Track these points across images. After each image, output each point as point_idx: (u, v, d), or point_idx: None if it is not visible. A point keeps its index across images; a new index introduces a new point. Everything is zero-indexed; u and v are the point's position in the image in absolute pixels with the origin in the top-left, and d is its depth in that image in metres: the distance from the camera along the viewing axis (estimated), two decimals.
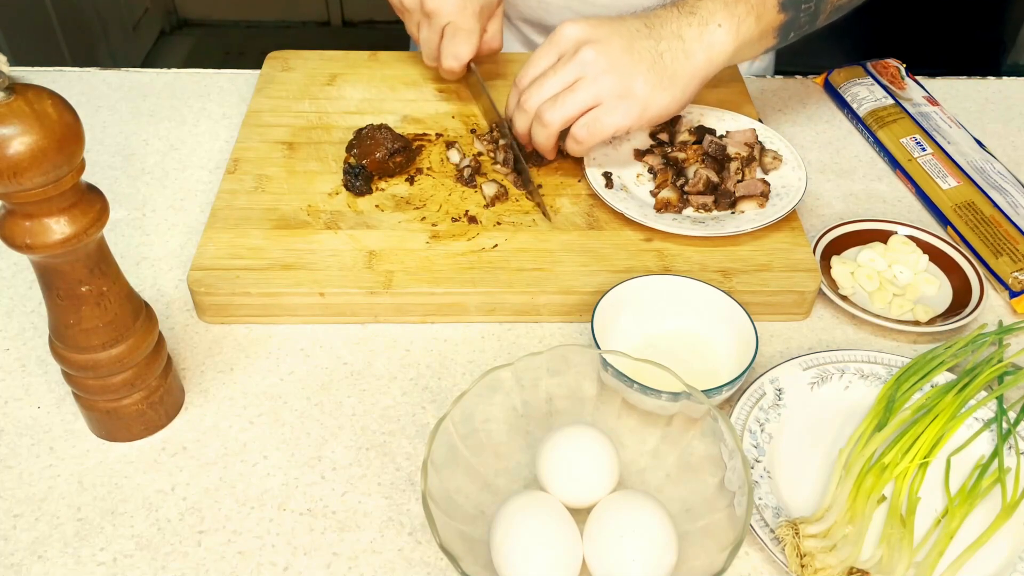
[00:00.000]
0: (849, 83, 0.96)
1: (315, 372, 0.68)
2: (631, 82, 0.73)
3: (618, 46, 0.73)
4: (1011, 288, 0.75)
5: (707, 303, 0.68)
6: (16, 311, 0.72)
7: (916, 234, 0.79)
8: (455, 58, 0.86)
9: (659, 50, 0.74)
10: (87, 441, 0.63)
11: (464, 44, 0.85)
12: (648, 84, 0.73)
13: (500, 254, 0.73)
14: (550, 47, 0.75)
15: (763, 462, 0.61)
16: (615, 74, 0.72)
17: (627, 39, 0.73)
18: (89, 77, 0.98)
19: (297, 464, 0.62)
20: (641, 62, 0.73)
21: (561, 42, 0.75)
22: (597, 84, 0.73)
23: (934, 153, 0.86)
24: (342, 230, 0.75)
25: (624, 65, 0.73)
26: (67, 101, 0.49)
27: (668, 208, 0.77)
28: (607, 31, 0.74)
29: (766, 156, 0.82)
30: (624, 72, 0.73)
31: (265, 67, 0.94)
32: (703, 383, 0.61)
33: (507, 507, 0.54)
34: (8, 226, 0.50)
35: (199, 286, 0.70)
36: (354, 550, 0.57)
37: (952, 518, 0.57)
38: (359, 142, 0.80)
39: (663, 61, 0.74)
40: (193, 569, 0.56)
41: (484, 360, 0.69)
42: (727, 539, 0.52)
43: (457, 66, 0.87)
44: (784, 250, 0.75)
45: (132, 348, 0.58)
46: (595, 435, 0.57)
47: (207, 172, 0.86)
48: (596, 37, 0.73)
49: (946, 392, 0.63)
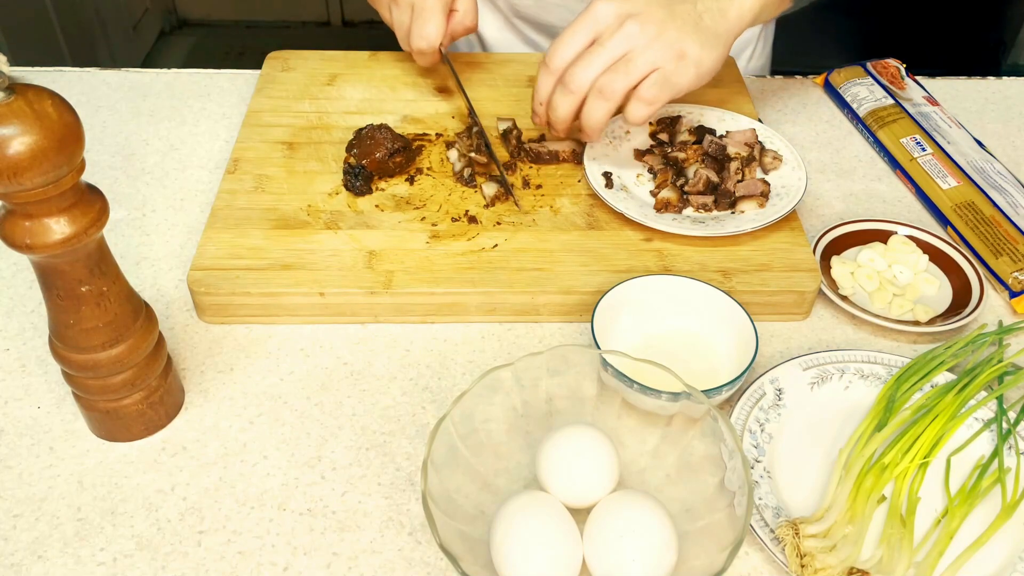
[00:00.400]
0: (849, 83, 0.96)
1: (315, 372, 0.68)
2: (682, 45, 0.72)
3: (659, 15, 0.72)
4: (1011, 288, 0.75)
5: (707, 303, 0.68)
6: (16, 311, 0.72)
7: (916, 234, 0.79)
8: (423, 39, 0.83)
9: (698, 11, 0.74)
10: (87, 441, 0.63)
11: (431, 23, 0.83)
12: (697, 44, 0.73)
13: (500, 254, 0.73)
14: (584, 25, 0.73)
15: (763, 462, 0.61)
16: (665, 40, 0.72)
17: (666, 6, 0.73)
18: (89, 77, 0.98)
19: (297, 464, 0.62)
20: (686, 25, 0.73)
21: (598, 19, 0.73)
22: (651, 51, 0.72)
23: (934, 153, 0.86)
24: (342, 230, 0.75)
25: (671, 31, 0.72)
26: (67, 101, 0.49)
27: (668, 208, 0.77)
28: (644, 1, 0.73)
29: (766, 156, 0.82)
30: (673, 37, 0.72)
31: (265, 67, 0.94)
32: (703, 383, 0.61)
33: (507, 507, 0.54)
34: (8, 226, 0.50)
35: (199, 286, 0.70)
36: (354, 550, 0.57)
37: (952, 518, 0.57)
38: (359, 142, 0.80)
39: (704, 22, 0.74)
40: (193, 569, 0.56)
41: (484, 360, 0.69)
42: (727, 539, 0.52)
43: (426, 46, 0.84)
44: (784, 250, 0.75)
45: (132, 348, 0.58)
46: (595, 435, 0.57)
47: (207, 172, 0.86)
48: (635, 9, 0.72)
49: (946, 392, 0.63)
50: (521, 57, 0.97)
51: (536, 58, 0.97)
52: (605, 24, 0.73)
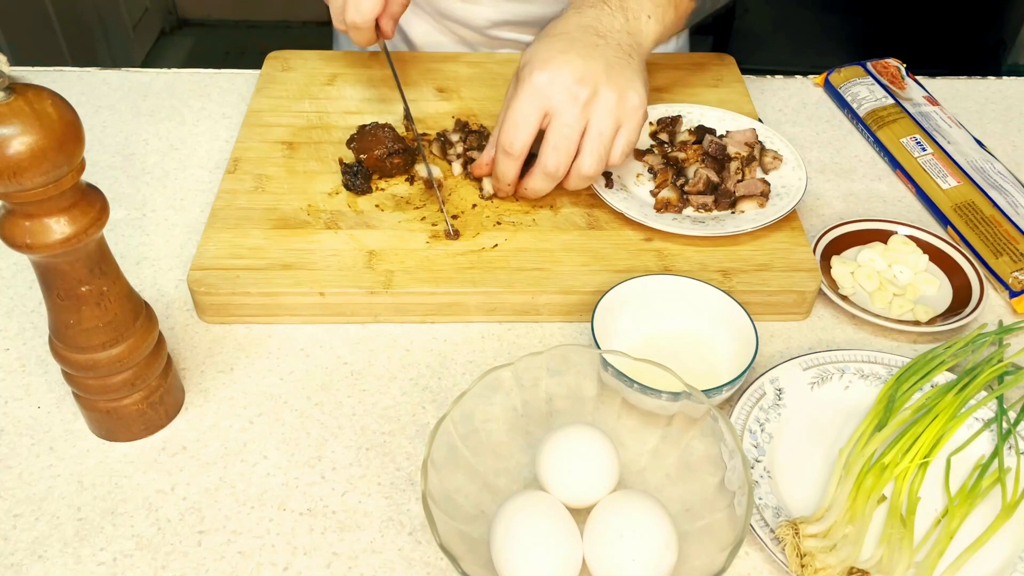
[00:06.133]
0: (849, 83, 0.96)
1: (315, 372, 0.68)
2: (629, 95, 0.72)
3: (600, 70, 0.71)
4: (1011, 288, 0.75)
5: (707, 303, 0.68)
6: (16, 311, 0.72)
7: (916, 234, 0.79)
8: (358, 12, 0.79)
9: (625, 52, 0.74)
10: (87, 441, 0.63)
11: None
12: (641, 88, 0.73)
13: (500, 254, 0.73)
14: (529, 100, 0.71)
15: (763, 462, 0.61)
16: (616, 95, 0.71)
17: (601, 59, 0.72)
18: (89, 77, 0.98)
19: (297, 464, 0.62)
20: (625, 71, 0.73)
21: (542, 91, 0.71)
22: (610, 115, 0.71)
23: (934, 153, 0.86)
24: (342, 230, 0.75)
25: (619, 85, 0.72)
26: (67, 101, 0.49)
27: (668, 208, 0.77)
28: (578, 59, 0.71)
29: (766, 156, 0.82)
30: (622, 91, 0.72)
31: (265, 67, 0.94)
32: (703, 383, 0.61)
33: (507, 507, 0.54)
34: (8, 226, 0.50)
35: (199, 286, 0.70)
36: (354, 550, 0.57)
37: (952, 518, 0.57)
38: (360, 137, 0.80)
39: (633, 61, 0.74)
40: (193, 569, 0.56)
41: (484, 360, 0.69)
42: (727, 539, 0.52)
43: (360, 20, 0.79)
44: (784, 250, 0.75)
45: (132, 348, 0.58)
46: (595, 435, 0.57)
47: (207, 172, 0.86)
48: (578, 73, 0.70)
49: (946, 392, 0.63)
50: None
51: None
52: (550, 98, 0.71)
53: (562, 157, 0.72)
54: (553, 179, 0.73)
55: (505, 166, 0.74)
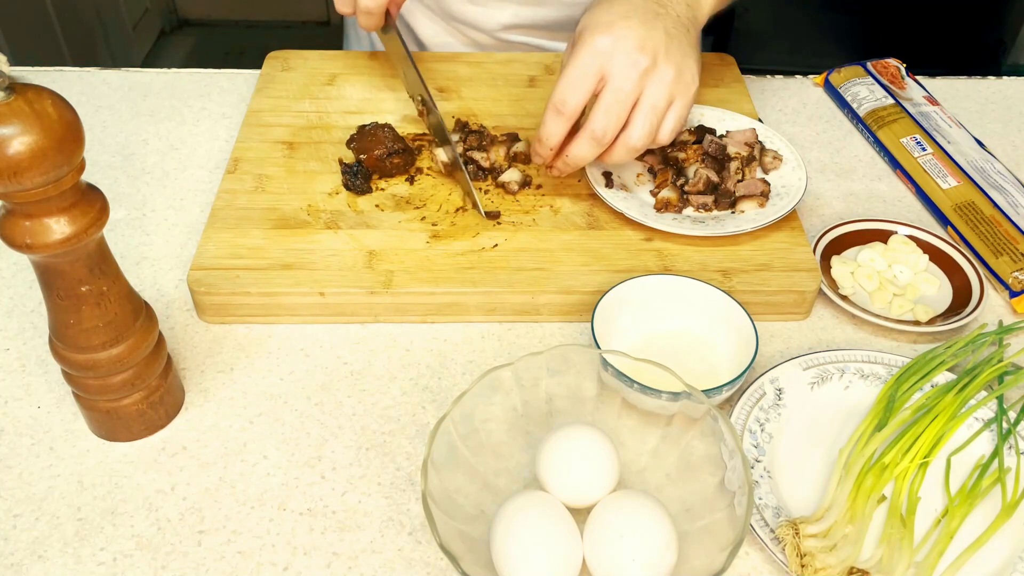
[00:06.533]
0: (849, 83, 0.96)
1: (315, 372, 0.68)
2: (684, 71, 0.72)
3: (661, 41, 0.70)
4: (1011, 288, 0.75)
5: (707, 303, 0.68)
6: (16, 311, 0.72)
7: (916, 234, 0.79)
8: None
9: (684, 24, 0.73)
10: (87, 441, 0.63)
11: None
12: (694, 65, 0.73)
13: (500, 254, 0.73)
14: (589, 60, 0.69)
15: (763, 462, 0.61)
16: (674, 70, 0.71)
17: (661, 29, 0.71)
18: (89, 77, 0.98)
19: (297, 464, 0.62)
20: (682, 44, 0.72)
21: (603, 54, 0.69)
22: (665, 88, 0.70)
23: (934, 153, 0.86)
24: (342, 230, 0.75)
25: (676, 59, 0.71)
26: (67, 101, 0.49)
27: (668, 208, 0.77)
28: (640, 27, 0.70)
29: (766, 156, 0.82)
30: (678, 66, 0.71)
31: (265, 67, 0.94)
32: (703, 383, 0.61)
33: (507, 507, 0.54)
34: (8, 226, 0.50)
35: (199, 286, 0.70)
36: (354, 550, 0.57)
37: (952, 518, 0.57)
38: (360, 136, 0.80)
39: (690, 35, 0.73)
40: (193, 569, 0.56)
41: (484, 360, 0.69)
42: (727, 539, 0.52)
43: (373, 5, 0.79)
44: (784, 250, 0.75)
45: (132, 348, 0.58)
46: (595, 435, 0.57)
47: (207, 172, 0.86)
48: (639, 40, 0.69)
49: (946, 392, 0.63)
50: (521, 57, 0.97)
51: (536, 57, 0.97)
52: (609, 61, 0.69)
53: (612, 121, 0.70)
54: (599, 145, 0.71)
55: (553, 126, 0.72)
